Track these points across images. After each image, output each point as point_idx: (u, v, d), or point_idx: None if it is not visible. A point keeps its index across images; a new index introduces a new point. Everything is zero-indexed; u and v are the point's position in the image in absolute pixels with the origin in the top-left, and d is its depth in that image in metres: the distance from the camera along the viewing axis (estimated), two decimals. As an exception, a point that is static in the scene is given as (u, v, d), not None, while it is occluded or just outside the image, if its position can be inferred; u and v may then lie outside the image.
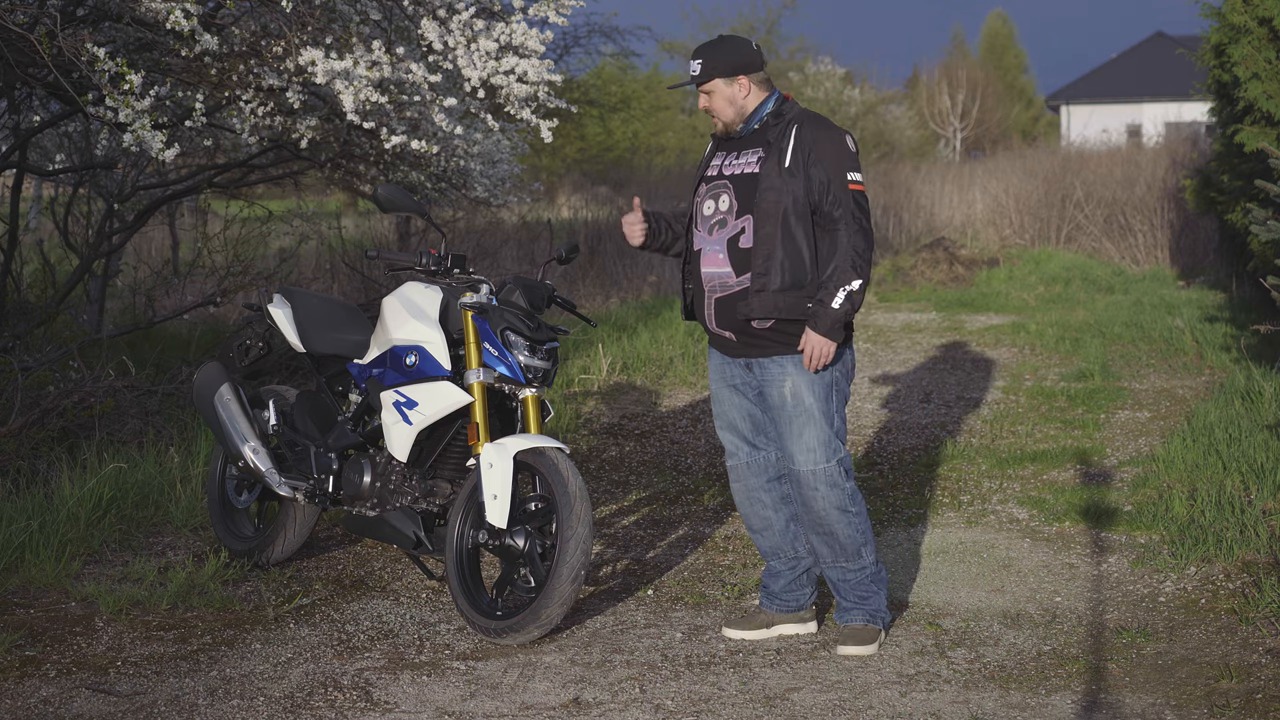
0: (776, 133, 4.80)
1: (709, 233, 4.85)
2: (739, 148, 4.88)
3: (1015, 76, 52.30)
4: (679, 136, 35.96)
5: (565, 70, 22.80)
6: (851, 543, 4.83)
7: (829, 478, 4.78)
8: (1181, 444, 7.22)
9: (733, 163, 4.86)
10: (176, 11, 5.88)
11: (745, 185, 4.79)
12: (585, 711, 4.32)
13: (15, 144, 8.13)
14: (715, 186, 4.88)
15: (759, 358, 4.82)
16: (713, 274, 4.83)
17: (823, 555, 4.90)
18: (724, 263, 4.79)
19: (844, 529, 4.82)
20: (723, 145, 4.95)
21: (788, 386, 4.77)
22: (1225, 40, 10.60)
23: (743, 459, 4.98)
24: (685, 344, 10.98)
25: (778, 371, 4.79)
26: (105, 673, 4.65)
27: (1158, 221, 17.45)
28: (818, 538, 4.87)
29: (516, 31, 7.08)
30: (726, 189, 4.83)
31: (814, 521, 4.84)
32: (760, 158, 4.78)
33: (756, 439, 4.96)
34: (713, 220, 4.84)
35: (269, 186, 14.14)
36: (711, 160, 4.95)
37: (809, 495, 4.80)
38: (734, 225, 4.79)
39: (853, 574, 4.87)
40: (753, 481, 4.98)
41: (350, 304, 5.91)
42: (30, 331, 8.23)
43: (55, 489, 6.20)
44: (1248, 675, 4.46)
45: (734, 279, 4.78)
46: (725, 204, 4.82)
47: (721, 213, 4.83)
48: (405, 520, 5.25)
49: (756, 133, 4.85)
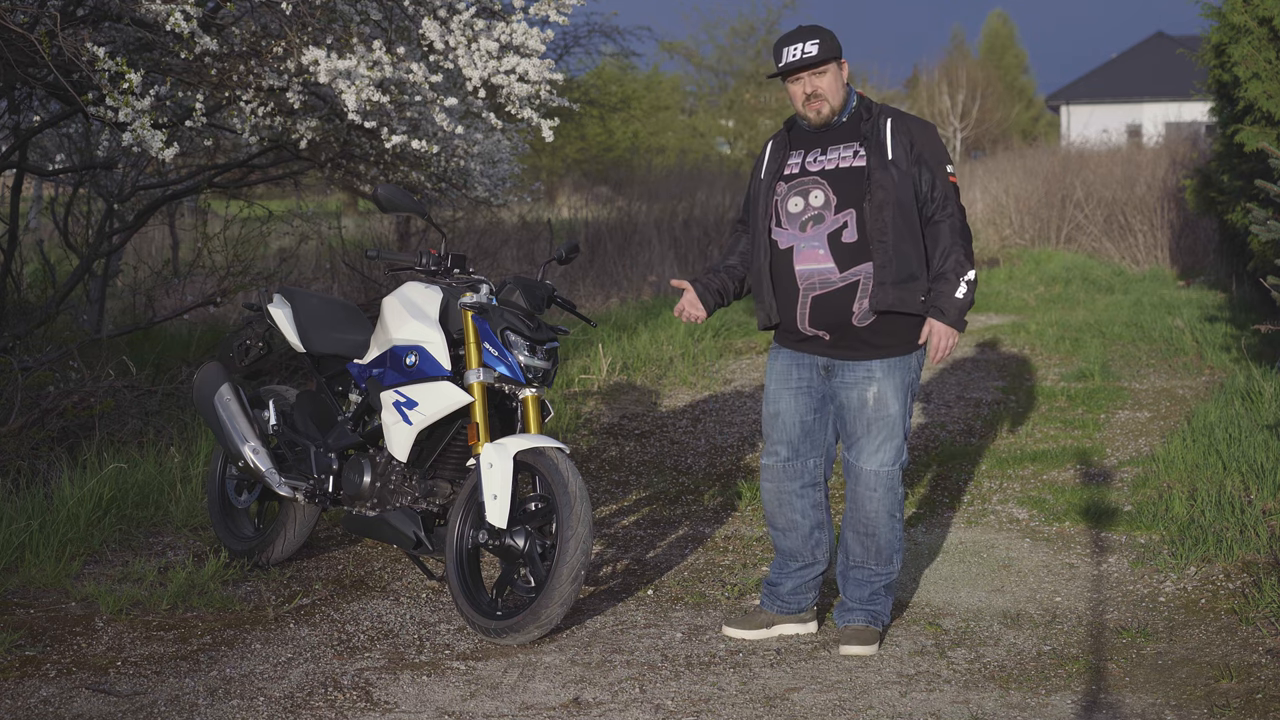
0: (869, 126, 4.76)
1: (801, 229, 4.75)
2: (824, 143, 4.80)
3: (1015, 76, 52.27)
4: (679, 136, 35.95)
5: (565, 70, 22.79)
6: (889, 547, 4.85)
7: (890, 481, 4.79)
8: (1181, 444, 7.22)
9: (820, 159, 4.79)
10: (176, 13, 5.88)
11: (846, 179, 4.72)
12: (585, 711, 4.32)
13: (15, 144, 8.13)
14: (802, 183, 4.78)
15: (847, 360, 4.78)
16: (811, 270, 4.74)
17: (854, 554, 4.89)
18: (825, 258, 4.71)
19: (887, 533, 4.83)
20: (799, 143, 4.85)
21: (872, 391, 4.75)
22: (1225, 40, 10.61)
23: (781, 461, 4.93)
24: (685, 344, 10.98)
25: (864, 375, 4.76)
26: (105, 673, 4.65)
27: (1158, 221, 17.45)
28: (856, 537, 4.86)
29: (517, 31, 7.07)
30: (819, 184, 4.75)
31: (861, 522, 4.84)
32: (858, 151, 4.73)
33: (802, 445, 4.90)
34: (804, 217, 4.75)
35: (269, 186, 14.15)
36: (787, 159, 4.84)
37: (866, 496, 4.80)
38: (834, 220, 4.71)
39: (877, 578, 4.88)
40: (787, 485, 4.94)
41: (350, 304, 5.91)
42: (30, 331, 8.23)
43: (55, 489, 6.20)
44: (1248, 675, 4.46)
45: (837, 274, 4.71)
46: (819, 199, 4.74)
47: (815, 208, 4.74)
48: (405, 520, 5.25)
49: (845, 126, 4.80)
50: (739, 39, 40.04)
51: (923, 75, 46.71)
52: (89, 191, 10.44)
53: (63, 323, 9.47)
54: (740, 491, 6.89)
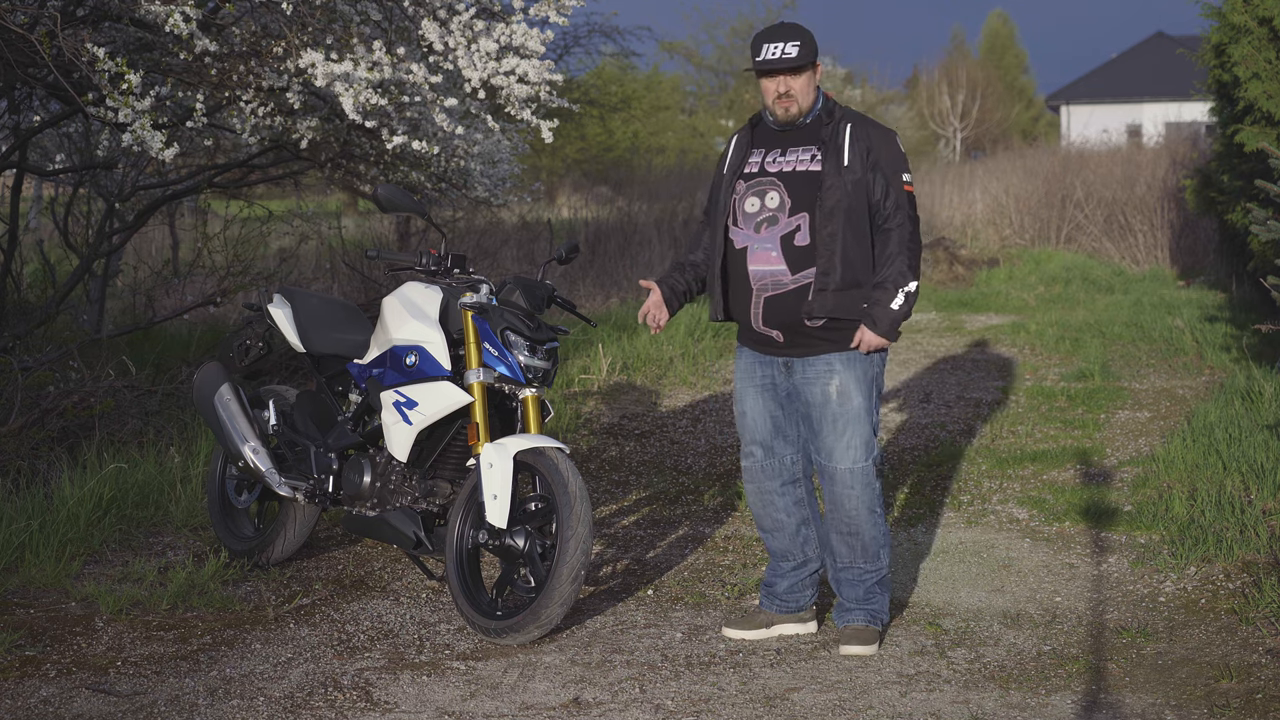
0: (829, 130, 4.76)
1: (755, 230, 4.76)
2: (784, 144, 4.81)
3: (1015, 76, 52.27)
4: (679, 136, 35.95)
5: (565, 70, 22.79)
6: (874, 544, 4.85)
7: (866, 477, 4.79)
8: (1181, 444, 7.22)
9: (779, 159, 4.79)
10: (176, 15, 5.88)
11: (801, 183, 4.72)
12: (585, 711, 4.32)
13: (15, 144, 8.13)
14: (759, 183, 4.79)
15: (805, 356, 4.79)
16: (764, 272, 4.75)
17: (841, 556, 4.88)
18: (777, 260, 4.72)
19: (870, 530, 4.83)
20: (761, 141, 4.86)
21: (834, 384, 4.75)
22: (1225, 40, 10.61)
23: (759, 461, 4.95)
24: (685, 344, 10.98)
25: (824, 369, 4.76)
26: (105, 673, 4.65)
27: (1158, 221, 17.45)
28: (840, 538, 4.86)
29: (517, 32, 7.07)
30: (775, 186, 4.76)
31: (842, 521, 4.83)
32: (815, 155, 4.74)
33: (775, 442, 4.92)
34: (759, 218, 4.76)
35: (269, 186, 14.14)
36: (748, 157, 4.85)
37: (843, 494, 4.79)
38: (787, 223, 4.72)
39: (869, 575, 4.87)
40: (768, 484, 4.95)
41: (350, 304, 5.91)
42: (30, 331, 8.23)
43: (55, 489, 6.20)
44: (1248, 675, 4.46)
45: (789, 277, 4.72)
46: (774, 201, 4.75)
47: (770, 210, 4.75)
48: (405, 520, 5.25)
49: (807, 129, 4.80)
50: (739, 39, 40.07)
51: (923, 75, 46.76)
52: (89, 191, 10.45)
53: (63, 323, 9.47)
54: (740, 491, 6.89)
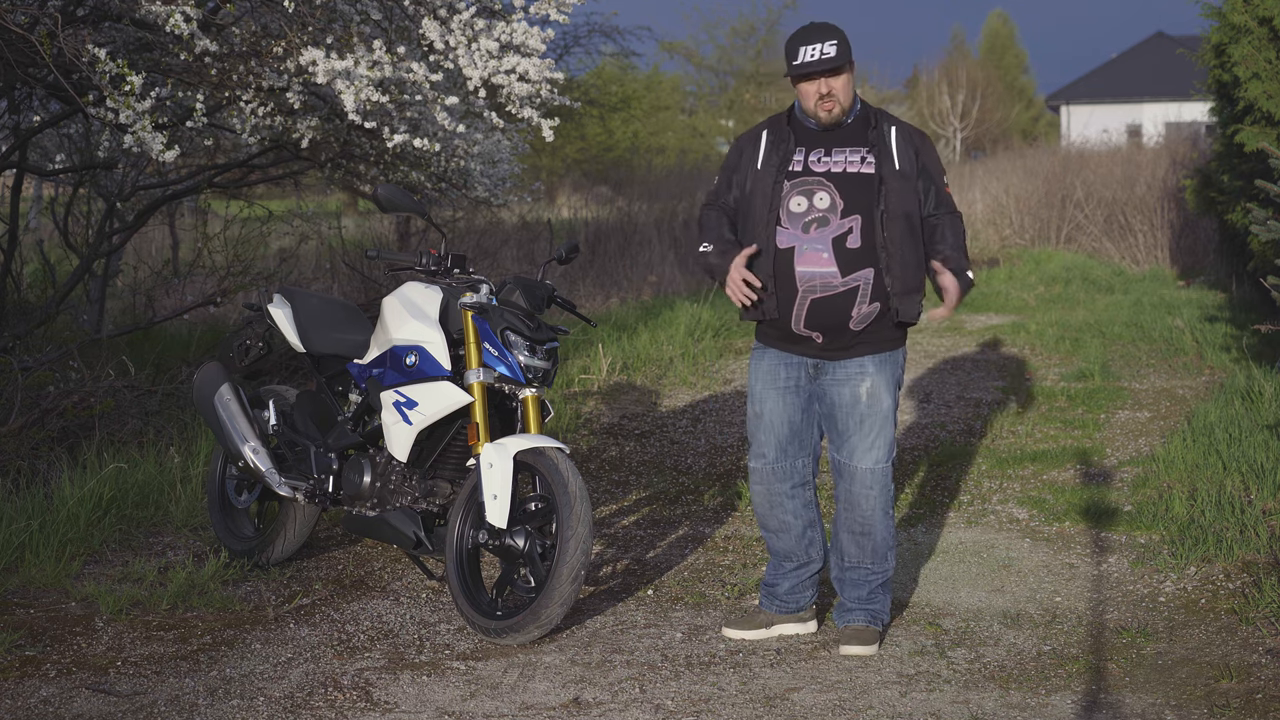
0: (876, 134, 4.73)
1: (804, 230, 4.69)
2: (829, 144, 4.75)
3: (1015, 76, 52.28)
4: (679, 136, 35.96)
5: (566, 70, 22.78)
6: (884, 544, 4.85)
7: (884, 478, 4.80)
8: (1181, 444, 7.22)
9: (825, 159, 4.72)
10: (176, 15, 5.88)
11: (855, 185, 4.68)
12: (585, 711, 4.32)
13: (15, 144, 8.13)
14: (806, 183, 4.71)
15: (839, 359, 4.76)
16: (813, 273, 4.68)
17: (849, 555, 4.88)
18: (828, 262, 4.66)
19: (883, 531, 4.84)
20: (801, 139, 4.78)
21: (865, 386, 4.75)
22: (1225, 40, 10.61)
23: (770, 463, 4.91)
24: (685, 344, 10.98)
25: (856, 371, 4.75)
26: (105, 673, 4.65)
27: (1158, 221, 17.45)
28: (852, 538, 4.86)
29: (517, 30, 7.07)
30: (824, 186, 4.70)
31: (857, 521, 4.83)
32: (864, 157, 4.70)
33: (790, 445, 4.88)
34: (807, 218, 4.69)
35: (269, 186, 14.14)
36: (791, 155, 4.75)
37: (861, 494, 4.79)
38: (839, 224, 4.67)
39: (874, 576, 4.88)
40: (778, 487, 4.92)
41: (350, 304, 5.91)
42: (30, 331, 8.23)
43: (55, 489, 6.20)
44: (1248, 675, 4.46)
45: (839, 279, 4.66)
46: (824, 202, 4.68)
47: (820, 210, 4.68)
48: (405, 520, 5.25)
49: (850, 128, 4.76)
50: (739, 39, 40.08)
51: (923, 75, 46.78)
52: (89, 191, 10.44)
53: (63, 323, 9.47)
54: (740, 491, 6.89)
